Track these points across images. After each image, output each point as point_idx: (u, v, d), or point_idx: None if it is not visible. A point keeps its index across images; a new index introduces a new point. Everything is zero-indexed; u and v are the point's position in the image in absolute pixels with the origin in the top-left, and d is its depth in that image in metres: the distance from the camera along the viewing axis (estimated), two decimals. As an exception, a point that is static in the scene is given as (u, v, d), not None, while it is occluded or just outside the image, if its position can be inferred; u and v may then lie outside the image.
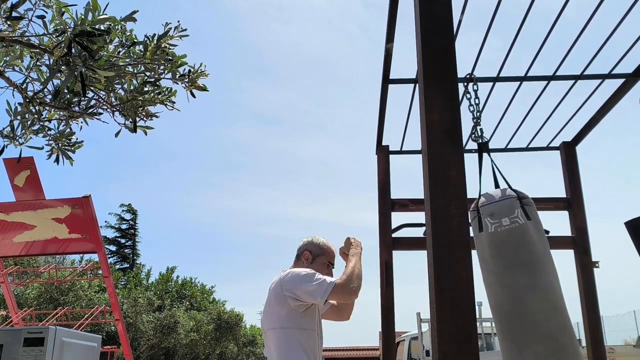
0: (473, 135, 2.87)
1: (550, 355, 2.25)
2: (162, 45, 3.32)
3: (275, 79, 45.78)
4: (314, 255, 2.71)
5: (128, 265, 28.99)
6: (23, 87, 3.43)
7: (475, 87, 2.92)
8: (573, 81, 3.35)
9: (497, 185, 2.75)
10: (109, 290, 7.64)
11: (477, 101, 2.90)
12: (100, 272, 7.85)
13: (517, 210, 2.48)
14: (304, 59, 45.76)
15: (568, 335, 2.32)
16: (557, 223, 4.14)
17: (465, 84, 3.01)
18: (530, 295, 2.34)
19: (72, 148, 3.83)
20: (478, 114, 2.87)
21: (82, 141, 3.86)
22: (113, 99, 3.57)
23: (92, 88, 3.32)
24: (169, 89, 3.63)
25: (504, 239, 2.46)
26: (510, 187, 2.61)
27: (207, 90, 3.67)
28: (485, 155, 2.82)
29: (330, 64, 46.13)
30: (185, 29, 3.38)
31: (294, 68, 45.18)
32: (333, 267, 2.76)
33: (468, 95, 2.92)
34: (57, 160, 3.79)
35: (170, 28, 3.36)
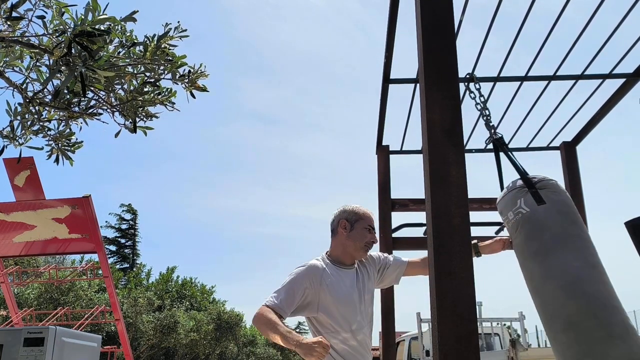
0: (489, 136, 2.80)
1: (574, 344, 2.12)
2: (162, 46, 3.32)
3: (273, 77, 45.83)
4: (352, 221, 2.52)
5: (128, 265, 29.01)
6: (23, 87, 3.42)
7: (477, 86, 2.90)
8: (573, 81, 3.35)
9: (501, 185, 2.73)
10: (109, 290, 7.64)
11: (482, 99, 2.87)
12: (100, 272, 7.84)
13: (520, 200, 2.41)
14: (302, 58, 45.78)
15: (590, 319, 2.11)
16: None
17: (467, 83, 3.00)
18: (544, 285, 2.27)
19: (72, 148, 3.83)
20: (487, 111, 2.83)
21: (82, 141, 3.86)
22: (113, 99, 3.57)
23: (92, 88, 3.32)
24: (168, 90, 3.62)
25: (513, 233, 2.47)
26: (522, 176, 2.49)
27: (207, 91, 3.67)
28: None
29: (328, 62, 46.17)
30: (185, 30, 3.38)
31: (291, 66, 45.23)
32: (375, 231, 2.58)
33: (472, 95, 2.90)
34: (57, 160, 3.79)
35: (170, 29, 3.35)
